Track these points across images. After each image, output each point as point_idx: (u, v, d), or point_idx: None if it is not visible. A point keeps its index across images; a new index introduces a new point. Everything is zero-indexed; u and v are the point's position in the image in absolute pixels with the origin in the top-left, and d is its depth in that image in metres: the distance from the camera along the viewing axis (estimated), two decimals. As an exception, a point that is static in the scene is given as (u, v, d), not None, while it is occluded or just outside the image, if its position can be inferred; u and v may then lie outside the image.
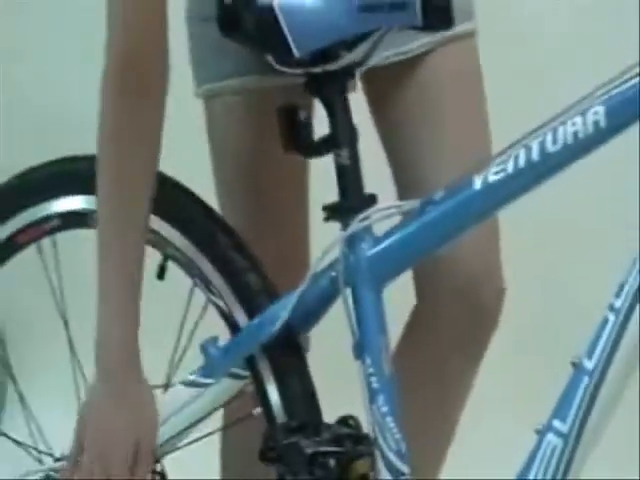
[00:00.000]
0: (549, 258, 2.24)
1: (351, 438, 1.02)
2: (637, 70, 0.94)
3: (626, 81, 0.94)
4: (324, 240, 1.03)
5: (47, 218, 1.13)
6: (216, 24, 1.01)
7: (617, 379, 0.97)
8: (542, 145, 0.95)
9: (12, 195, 1.18)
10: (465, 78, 1.20)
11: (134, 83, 1.01)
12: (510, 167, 0.96)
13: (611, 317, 0.95)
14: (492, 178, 0.97)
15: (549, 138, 0.95)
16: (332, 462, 0.99)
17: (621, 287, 0.95)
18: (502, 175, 0.96)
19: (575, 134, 0.94)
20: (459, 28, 1.14)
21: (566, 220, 2.19)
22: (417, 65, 1.18)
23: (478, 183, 0.97)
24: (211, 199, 1.18)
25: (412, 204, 1.00)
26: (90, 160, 1.05)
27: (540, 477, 0.98)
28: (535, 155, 0.96)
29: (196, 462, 1.41)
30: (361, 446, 1.01)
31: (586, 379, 0.96)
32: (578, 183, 1.45)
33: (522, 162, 0.96)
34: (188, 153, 1.50)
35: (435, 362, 1.18)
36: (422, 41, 1.16)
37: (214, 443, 1.27)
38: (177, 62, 1.06)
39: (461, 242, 1.03)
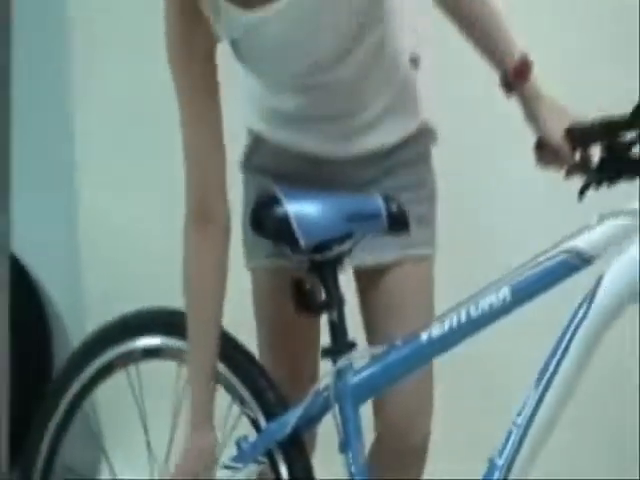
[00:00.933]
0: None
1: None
2: (537, 260, 1.39)
3: (525, 269, 1.39)
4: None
5: (133, 351, 1.62)
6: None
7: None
8: (468, 312, 1.40)
9: (113, 331, 1.67)
10: (422, 287, 1.63)
11: (202, 227, 1.47)
12: (446, 327, 1.42)
13: (515, 430, 1.39)
14: (434, 333, 1.42)
15: (472, 307, 1.40)
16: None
17: (523, 406, 1.39)
18: (440, 332, 1.42)
19: (490, 305, 1.39)
20: (422, 251, 1.61)
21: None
22: (387, 273, 1.61)
23: (424, 337, 1.43)
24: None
25: (379, 349, 1.46)
26: (161, 311, 1.55)
27: None
28: (463, 319, 1.41)
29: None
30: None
31: (497, 473, 1.40)
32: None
33: (455, 323, 1.41)
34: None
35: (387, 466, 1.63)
36: (392, 255, 1.59)
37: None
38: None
39: (401, 387, 1.49)
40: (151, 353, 1.60)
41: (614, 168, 1.40)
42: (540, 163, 1.54)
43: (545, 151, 1.52)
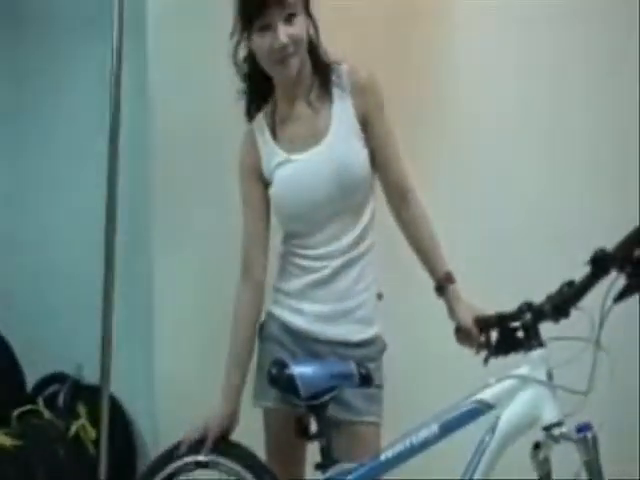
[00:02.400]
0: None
1: None
2: (457, 405, 2.11)
3: (449, 411, 2.11)
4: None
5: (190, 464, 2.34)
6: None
7: None
8: (410, 440, 2.12)
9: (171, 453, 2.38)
10: (372, 441, 2.29)
11: (244, 272, 2.33)
12: (397, 450, 2.13)
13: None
14: (389, 455, 2.14)
15: (414, 437, 2.12)
16: None
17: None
18: (393, 454, 2.13)
19: (425, 437, 2.11)
20: (371, 419, 2.31)
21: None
22: (352, 428, 2.28)
23: (383, 458, 2.14)
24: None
25: (352, 465, 2.17)
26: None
27: None
28: (408, 445, 2.12)
29: None
30: None
31: None
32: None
33: (403, 448, 2.12)
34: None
35: None
36: (356, 418, 2.27)
37: None
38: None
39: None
40: (204, 465, 2.33)
41: (505, 346, 2.14)
42: (459, 342, 2.29)
43: (461, 334, 2.27)
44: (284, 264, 2.37)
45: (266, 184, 2.33)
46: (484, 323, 2.20)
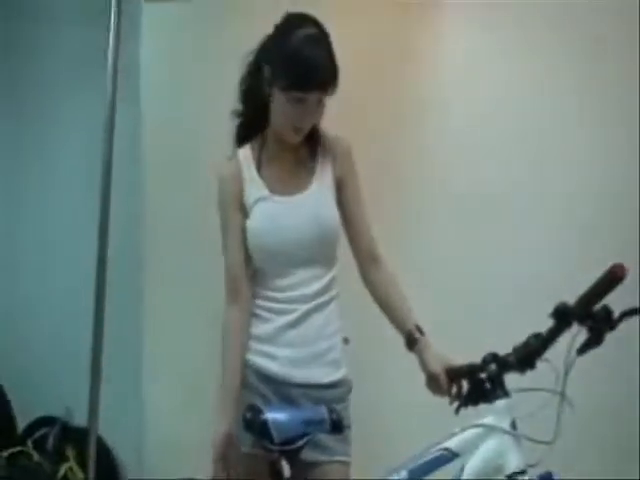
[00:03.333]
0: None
1: None
2: (426, 452, 2.17)
3: (417, 458, 2.17)
4: None
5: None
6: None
7: None
8: None
9: None
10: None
11: (231, 294, 2.36)
12: None
13: None
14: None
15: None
16: None
17: None
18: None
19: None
20: (342, 458, 2.38)
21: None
22: (323, 468, 2.35)
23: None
24: None
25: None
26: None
27: None
28: None
29: None
30: None
31: None
32: None
33: None
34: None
35: None
36: (327, 457, 2.35)
37: None
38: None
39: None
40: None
41: (474, 396, 2.20)
42: (431, 390, 2.35)
43: (433, 383, 2.33)
44: (254, 309, 2.43)
45: (244, 215, 2.42)
46: (455, 373, 2.26)
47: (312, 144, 2.42)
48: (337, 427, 2.25)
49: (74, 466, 3.38)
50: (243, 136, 2.47)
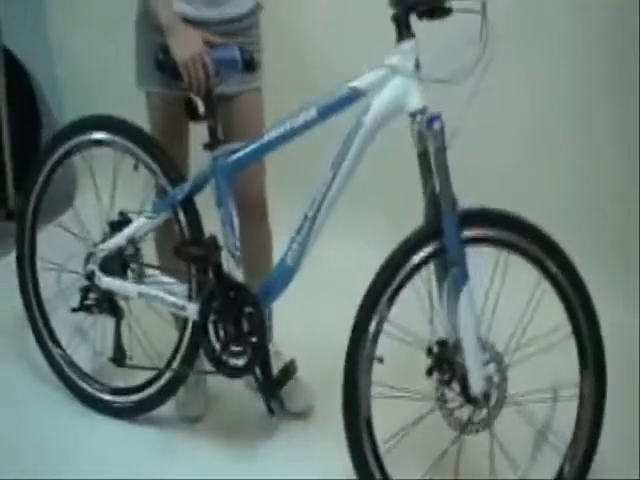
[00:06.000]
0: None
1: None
2: (333, 92, 2.23)
3: (324, 97, 2.22)
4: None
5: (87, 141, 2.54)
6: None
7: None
8: (291, 123, 2.24)
9: (72, 127, 2.57)
10: (256, 107, 2.54)
11: None
12: (281, 131, 2.26)
13: (318, 196, 2.29)
14: (273, 135, 2.27)
15: (294, 120, 2.24)
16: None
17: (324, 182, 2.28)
18: (276, 134, 2.27)
19: (305, 120, 2.24)
20: (256, 84, 2.50)
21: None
22: (237, 99, 2.51)
23: (267, 137, 2.29)
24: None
25: (237, 145, 2.34)
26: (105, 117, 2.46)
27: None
28: (289, 127, 2.24)
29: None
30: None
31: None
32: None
33: (285, 130, 2.26)
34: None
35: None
36: (240, 88, 2.47)
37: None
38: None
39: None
40: (99, 143, 2.52)
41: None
42: None
43: None
44: None
45: None
46: None
47: None
48: (249, 65, 2.30)
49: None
50: None
